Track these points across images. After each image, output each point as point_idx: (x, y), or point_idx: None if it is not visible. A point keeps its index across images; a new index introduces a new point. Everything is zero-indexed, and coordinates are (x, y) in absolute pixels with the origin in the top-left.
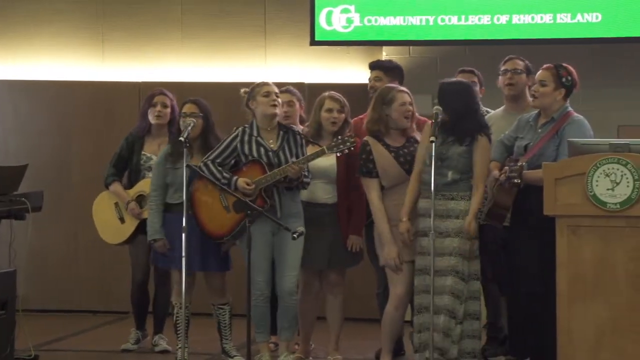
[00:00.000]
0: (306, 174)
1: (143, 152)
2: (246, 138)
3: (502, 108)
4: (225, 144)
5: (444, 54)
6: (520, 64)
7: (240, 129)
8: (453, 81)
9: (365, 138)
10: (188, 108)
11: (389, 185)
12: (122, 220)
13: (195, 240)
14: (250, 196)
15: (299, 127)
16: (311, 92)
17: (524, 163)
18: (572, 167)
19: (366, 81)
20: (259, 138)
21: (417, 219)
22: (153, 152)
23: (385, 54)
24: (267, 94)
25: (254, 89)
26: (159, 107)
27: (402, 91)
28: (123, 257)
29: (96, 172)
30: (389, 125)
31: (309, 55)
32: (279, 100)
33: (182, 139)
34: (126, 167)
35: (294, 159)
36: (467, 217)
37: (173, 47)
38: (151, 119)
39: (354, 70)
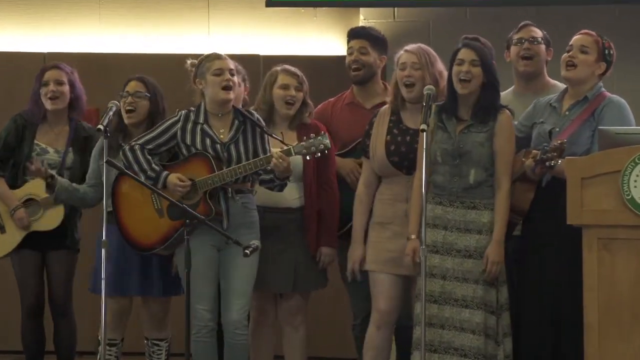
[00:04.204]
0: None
1: (36, 142)
2: (189, 126)
3: (511, 89)
4: (162, 128)
5: (438, 17)
6: (538, 32)
7: (183, 112)
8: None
9: (384, 107)
10: (132, 86)
11: (379, 173)
12: (1, 228)
13: (134, 256)
14: (188, 199)
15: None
16: (267, 67)
17: (564, 140)
18: (603, 163)
19: (338, 53)
20: (205, 126)
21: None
22: (49, 142)
23: (364, 17)
24: (219, 72)
25: (203, 63)
26: (51, 86)
27: (406, 51)
28: (11, 278)
29: None
30: (399, 96)
31: (264, 19)
32: (235, 79)
33: (101, 127)
34: (11, 158)
35: (250, 156)
36: (489, 244)
37: (88, 9)
38: (45, 102)
39: (322, 39)
